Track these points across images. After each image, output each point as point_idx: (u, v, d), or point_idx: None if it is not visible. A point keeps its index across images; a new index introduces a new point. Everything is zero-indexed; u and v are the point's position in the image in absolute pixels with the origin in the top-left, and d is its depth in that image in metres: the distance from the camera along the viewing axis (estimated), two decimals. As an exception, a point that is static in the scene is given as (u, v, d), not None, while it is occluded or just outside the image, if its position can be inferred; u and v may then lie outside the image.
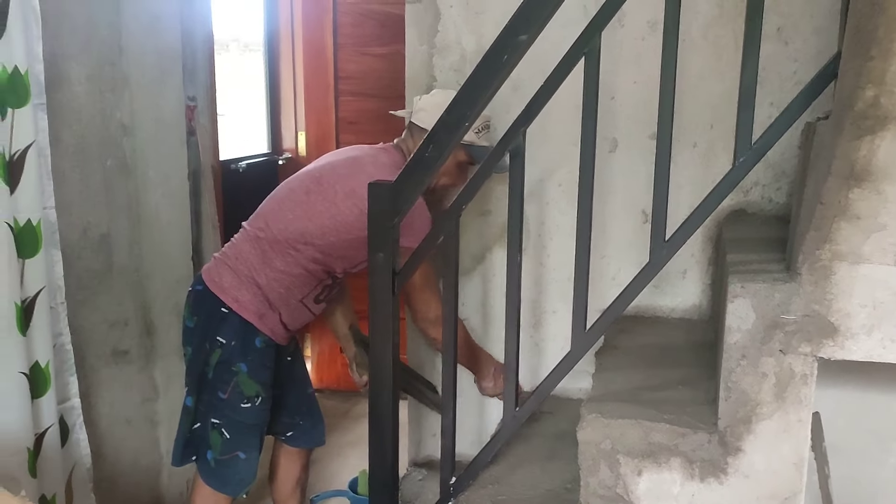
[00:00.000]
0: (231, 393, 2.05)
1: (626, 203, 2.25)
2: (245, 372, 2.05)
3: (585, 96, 1.56)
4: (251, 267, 2.07)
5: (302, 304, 2.14)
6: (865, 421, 2.11)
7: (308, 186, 2.11)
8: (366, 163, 2.10)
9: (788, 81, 2.07)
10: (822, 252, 1.41)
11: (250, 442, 2.11)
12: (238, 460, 2.09)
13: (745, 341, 1.49)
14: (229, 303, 2.05)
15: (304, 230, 2.05)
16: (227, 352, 2.05)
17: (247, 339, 2.06)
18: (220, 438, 2.07)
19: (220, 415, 2.07)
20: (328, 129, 3.61)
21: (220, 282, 2.08)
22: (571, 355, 1.65)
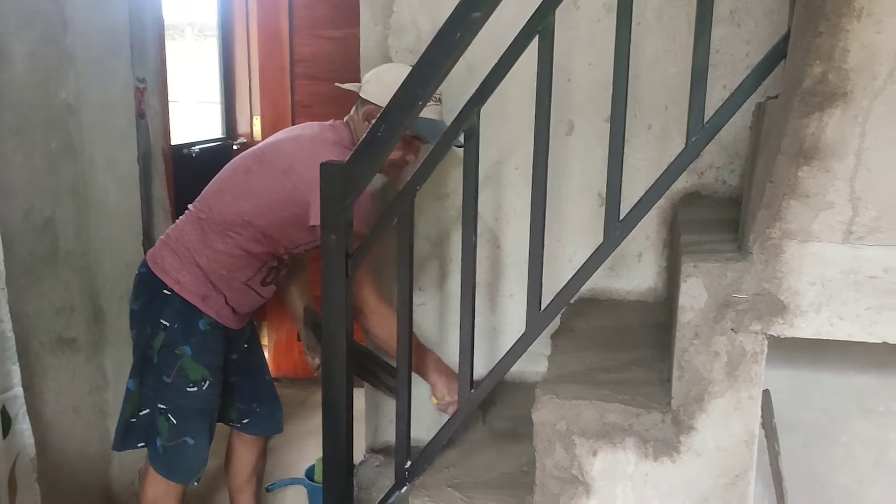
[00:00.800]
0: (175, 377, 2.01)
1: (583, 186, 2.25)
2: (189, 355, 2.01)
3: (540, 76, 1.55)
4: (192, 248, 2.04)
5: (247, 286, 2.10)
6: (817, 399, 2.14)
7: (248, 165, 2.07)
8: (307, 139, 2.06)
9: (741, 64, 2.08)
10: (773, 230, 1.42)
11: (198, 427, 2.06)
12: (186, 446, 2.05)
13: (698, 320, 1.50)
14: (171, 284, 2.02)
15: (242, 210, 2.01)
16: (171, 334, 2.01)
17: (190, 321, 2.02)
18: (167, 424, 2.03)
19: (165, 400, 2.03)
20: (283, 113, 3.55)
21: (161, 263, 2.04)
22: (526, 336, 1.64)
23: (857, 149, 1.24)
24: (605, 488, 1.60)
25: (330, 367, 1.75)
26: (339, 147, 1.99)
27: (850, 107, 1.18)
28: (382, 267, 2.43)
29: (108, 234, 2.48)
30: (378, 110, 1.96)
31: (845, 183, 1.30)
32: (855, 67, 1.12)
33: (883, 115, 1.19)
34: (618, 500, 1.60)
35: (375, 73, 2.09)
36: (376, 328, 2.06)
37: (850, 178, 1.28)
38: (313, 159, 1.92)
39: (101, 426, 2.50)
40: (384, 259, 2.40)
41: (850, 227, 1.37)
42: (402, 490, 1.79)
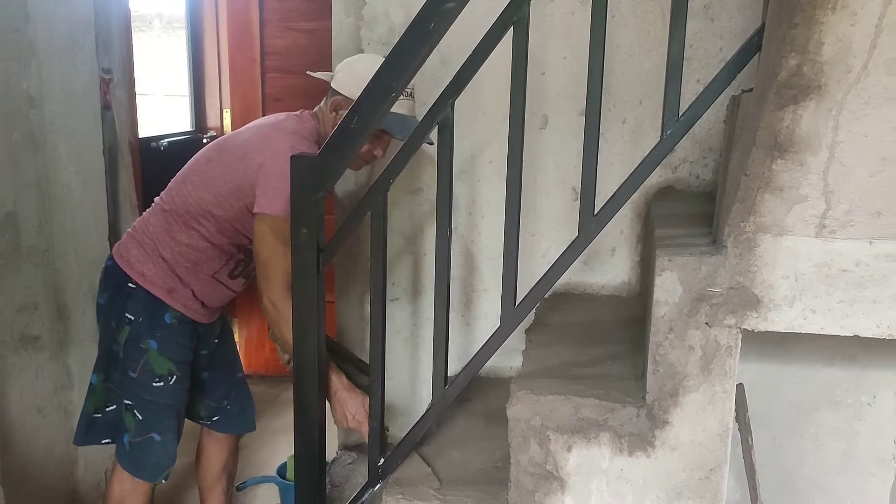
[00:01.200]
0: (141, 371, 1.97)
1: (557, 180, 2.24)
2: (155, 349, 1.97)
3: (514, 67, 1.53)
4: (157, 240, 2.00)
5: (215, 279, 2.06)
6: (787, 392, 2.16)
7: (210, 155, 2.03)
8: (267, 126, 2.01)
9: (715, 58, 2.08)
10: (747, 224, 1.42)
11: (165, 423, 2.02)
12: (153, 443, 2.00)
13: (673, 314, 1.50)
14: (135, 277, 1.98)
15: (202, 200, 1.98)
16: (136, 328, 1.97)
17: (155, 314, 1.98)
18: (133, 420, 1.99)
19: (131, 395, 1.98)
20: (254, 107, 3.50)
21: (127, 256, 2.01)
22: (501, 332, 1.63)
23: (831, 142, 1.24)
24: (580, 484, 1.59)
25: (301, 363, 1.72)
26: (297, 136, 1.95)
27: (825, 100, 1.18)
28: (355, 262, 2.40)
29: (72, 229, 2.41)
30: (346, 101, 1.96)
31: (819, 176, 1.30)
32: (829, 60, 1.12)
33: (856, 108, 1.19)
34: (592, 495, 1.59)
35: (346, 63, 2.06)
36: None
37: (824, 172, 1.28)
38: (267, 146, 1.91)
39: (67, 426, 2.44)
40: (357, 254, 2.38)
41: (823, 221, 1.38)
42: (375, 488, 1.77)
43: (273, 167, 1.87)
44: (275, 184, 1.86)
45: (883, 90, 1.15)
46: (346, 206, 2.37)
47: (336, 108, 2.01)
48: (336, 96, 2.01)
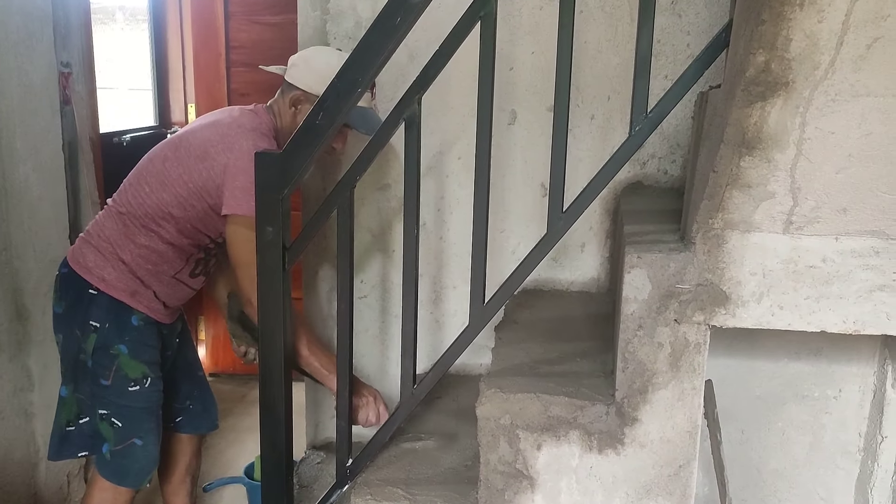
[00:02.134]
0: (114, 378, 1.92)
1: (526, 176, 2.23)
2: (126, 353, 1.93)
3: (482, 62, 1.51)
4: (114, 244, 1.94)
5: (176, 279, 2.02)
6: (753, 387, 2.18)
7: (165, 154, 1.97)
8: (224, 125, 1.95)
9: (682, 54, 2.08)
10: (715, 221, 1.42)
11: (145, 426, 1.98)
12: (135, 448, 1.96)
13: (642, 312, 1.49)
14: (96, 283, 1.92)
15: (161, 201, 1.93)
16: (103, 335, 1.91)
17: (121, 318, 1.93)
18: (111, 429, 1.93)
19: (106, 404, 1.93)
20: (219, 101, 3.43)
21: (84, 262, 1.94)
22: (470, 329, 1.61)
23: (798, 139, 1.24)
24: (550, 482, 1.58)
25: (267, 362, 1.69)
26: (258, 133, 1.91)
27: (792, 97, 1.17)
28: (322, 259, 2.37)
29: (30, 227, 2.35)
30: (306, 96, 1.93)
31: (786, 173, 1.30)
32: (797, 57, 1.12)
33: (823, 105, 1.19)
34: (562, 493, 1.58)
35: (302, 56, 2.02)
36: None
37: (791, 169, 1.29)
38: (229, 145, 1.87)
39: (27, 429, 2.38)
40: (324, 250, 2.35)
41: (791, 218, 1.38)
42: (343, 488, 1.75)
43: (238, 167, 1.84)
44: (242, 183, 1.83)
45: (850, 87, 1.15)
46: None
47: (295, 104, 1.98)
48: (295, 91, 1.98)
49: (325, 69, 1.82)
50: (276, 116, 2.01)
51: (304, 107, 1.95)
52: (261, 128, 1.93)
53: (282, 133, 1.98)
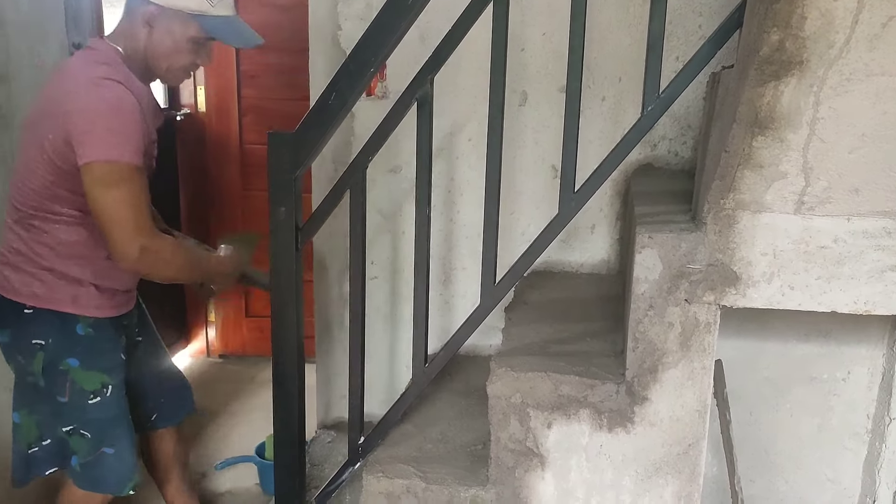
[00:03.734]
0: (71, 394, 1.77)
1: (536, 158, 2.23)
2: (77, 366, 1.76)
3: (494, 43, 1.51)
4: (30, 255, 1.74)
5: (111, 260, 1.74)
6: (762, 368, 2.18)
7: (25, 140, 1.74)
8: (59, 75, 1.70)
9: (694, 35, 2.08)
10: (727, 201, 1.42)
11: (115, 434, 1.82)
12: (105, 458, 1.82)
13: (653, 291, 1.50)
14: (29, 301, 1.74)
15: (40, 187, 1.69)
16: (49, 352, 1.74)
17: (66, 330, 1.75)
18: (81, 440, 1.80)
19: (69, 420, 1.78)
20: (229, 84, 3.44)
21: (9, 285, 1.75)
22: (481, 308, 1.62)
23: (811, 118, 1.24)
24: (560, 460, 1.60)
25: (280, 341, 1.70)
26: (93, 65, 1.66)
27: (806, 76, 1.18)
28: (333, 240, 2.38)
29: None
30: (162, 11, 1.68)
31: (798, 153, 1.30)
32: (812, 35, 1.12)
33: (837, 84, 1.19)
34: (572, 471, 1.60)
35: None
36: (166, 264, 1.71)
37: (804, 149, 1.29)
38: (64, 92, 1.64)
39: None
40: (335, 231, 2.36)
41: (802, 198, 1.38)
42: (355, 466, 1.77)
43: (76, 108, 1.60)
44: (84, 126, 1.58)
45: (864, 66, 1.15)
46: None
47: (150, 22, 1.70)
48: (147, 6, 1.68)
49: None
50: (125, 39, 1.73)
51: (162, 24, 1.69)
52: (97, 58, 1.68)
53: (135, 58, 1.73)
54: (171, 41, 1.71)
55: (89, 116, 1.56)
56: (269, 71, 3.40)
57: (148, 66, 1.75)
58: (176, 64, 1.76)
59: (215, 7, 1.69)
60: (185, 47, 1.73)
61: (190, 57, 1.76)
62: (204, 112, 3.48)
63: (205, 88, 3.48)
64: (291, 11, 3.25)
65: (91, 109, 1.58)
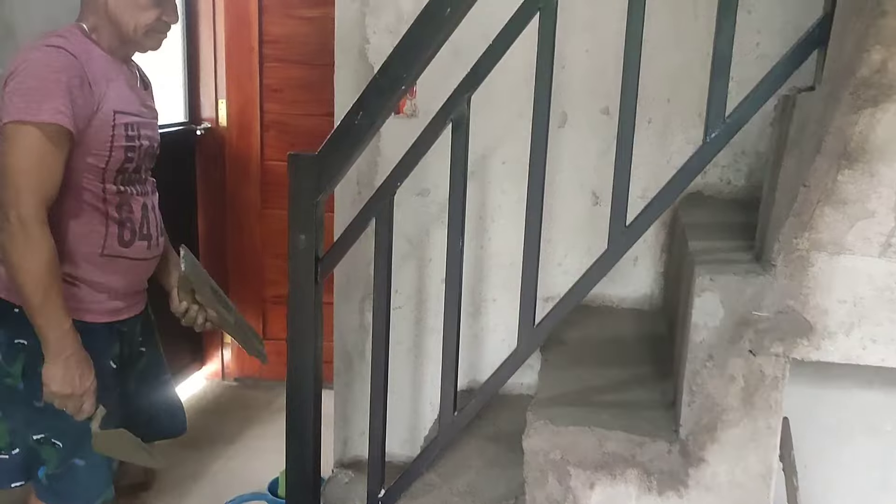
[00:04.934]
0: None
1: (575, 183, 2.07)
2: None
3: (539, 59, 1.37)
4: None
5: (108, 257, 1.68)
6: (820, 417, 2.00)
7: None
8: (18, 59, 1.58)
9: (751, 54, 1.92)
10: (801, 241, 1.26)
11: (88, 446, 1.68)
12: (76, 470, 1.70)
13: (713, 340, 1.34)
14: (15, 299, 1.62)
15: None
16: (31, 353, 1.63)
17: None
18: (52, 450, 1.69)
19: (41, 427, 1.68)
20: (251, 97, 3.33)
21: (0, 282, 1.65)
22: (518, 354, 1.46)
23: (910, 152, 1.08)
24: (603, 525, 1.43)
25: (297, 378, 1.56)
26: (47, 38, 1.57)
27: (909, 102, 1.01)
28: (356, 265, 2.24)
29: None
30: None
31: (891, 190, 1.14)
32: (921, 56, 0.96)
33: (943, 113, 1.03)
34: (617, 538, 1.43)
35: None
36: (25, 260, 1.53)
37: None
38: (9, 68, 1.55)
39: None
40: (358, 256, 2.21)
41: (890, 240, 1.22)
42: (375, 520, 1.61)
43: (14, 69, 1.52)
44: (15, 84, 1.50)
45: (980, 93, 0.99)
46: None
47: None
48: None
49: None
50: (88, 13, 1.66)
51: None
52: (52, 34, 1.59)
53: (103, 30, 1.66)
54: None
55: (14, 79, 1.48)
56: (293, 85, 3.29)
57: (119, 36, 1.67)
58: (142, 22, 1.68)
59: None
60: (144, 2, 1.66)
61: (152, 12, 1.68)
62: (225, 126, 3.38)
63: (226, 102, 3.37)
64: (317, 23, 3.15)
65: (19, 73, 1.49)
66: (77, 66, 1.55)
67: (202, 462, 2.88)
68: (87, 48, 1.61)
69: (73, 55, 1.55)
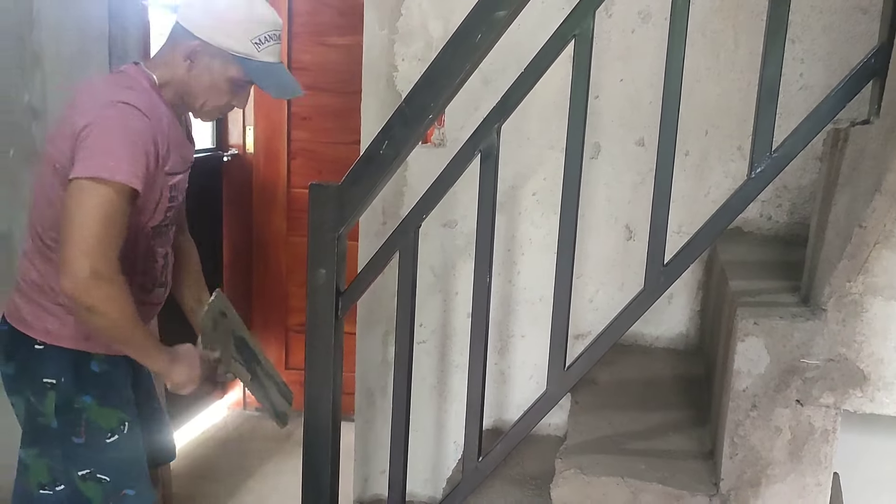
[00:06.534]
0: (87, 433, 1.63)
1: (608, 216, 2.00)
2: (93, 402, 1.64)
3: (574, 88, 1.31)
4: (43, 287, 1.61)
5: None
6: (865, 468, 1.89)
7: (42, 167, 1.61)
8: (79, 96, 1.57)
9: (794, 85, 1.84)
10: (854, 284, 1.18)
11: (135, 474, 1.69)
12: (128, 499, 1.68)
13: (757, 388, 1.25)
14: (40, 336, 1.61)
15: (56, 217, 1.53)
16: (62, 390, 1.62)
17: (79, 367, 1.63)
18: (98, 486, 1.66)
19: (85, 462, 1.64)
20: (279, 125, 3.31)
21: (20, 315, 1.63)
22: (547, 398, 1.38)
23: (978, 191, 0.99)
24: (638, 584, 1.33)
25: (314, 420, 1.49)
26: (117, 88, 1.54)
27: (978, 138, 0.93)
28: (378, 297, 2.18)
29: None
30: (204, 47, 1.57)
31: (955, 232, 1.05)
32: None
33: None
34: None
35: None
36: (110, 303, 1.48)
37: (963, 227, 1.04)
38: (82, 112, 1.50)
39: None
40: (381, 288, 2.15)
41: (953, 285, 1.12)
42: (395, 569, 1.53)
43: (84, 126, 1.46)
44: (92, 141, 1.46)
45: None
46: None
47: (191, 56, 1.59)
48: (192, 41, 1.57)
49: (226, 13, 1.56)
50: (163, 68, 1.61)
51: (203, 60, 1.59)
52: (122, 82, 1.56)
53: (171, 88, 1.61)
54: (210, 79, 1.59)
55: (91, 135, 1.43)
56: (320, 113, 3.26)
57: (185, 101, 1.64)
58: (211, 102, 1.64)
59: (261, 53, 1.58)
60: (223, 87, 1.62)
61: (226, 97, 1.64)
62: (252, 153, 3.35)
63: (254, 129, 3.35)
64: (347, 51, 3.12)
65: (96, 128, 1.45)
66: (151, 131, 1.53)
67: (219, 495, 2.81)
68: (156, 106, 1.57)
69: (147, 117, 1.52)
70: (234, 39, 1.55)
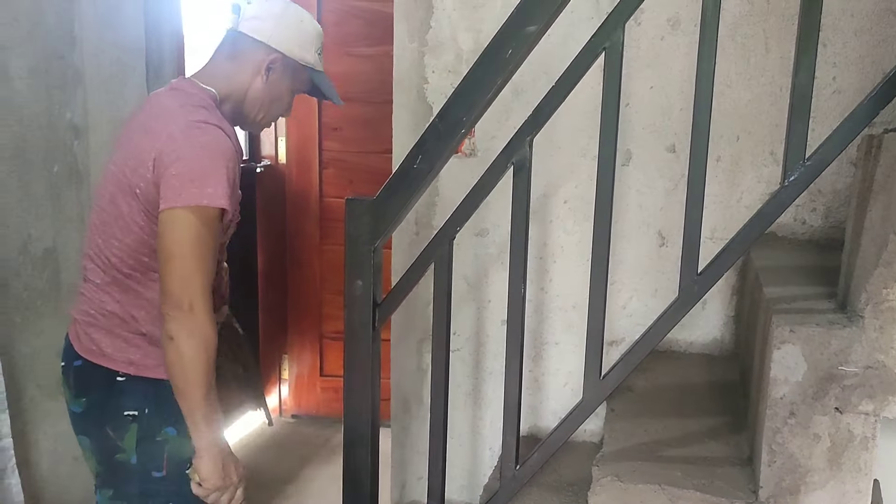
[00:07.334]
0: (170, 465, 1.59)
1: (640, 223, 2.00)
2: (175, 435, 1.58)
3: (605, 99, 1.32)
4: (124, 317, 1.57)
5: None
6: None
7: (111, 192, 1.55)
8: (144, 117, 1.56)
9: (826, 89, 1.83)
10: (891, 291, 1.17)
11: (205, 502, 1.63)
12: None
13: (794, 396, 1.25)
14: (123, 368, 1.57)
15: (135, 244, 1.52)
16: (145, 423, 1.57)
17: (161, 397, 1.56)
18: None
19: (166, 497, 1.60)
20: (310, 135, 3.35)
21: (99, 349, 1.58)
22: (583, 407, 1.39)
23: None
24: (677, 592, 1.34)
25: (353, 435, 1.52)
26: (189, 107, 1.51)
27: None
28: (413, 306, 2.20)
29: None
30: (283, 60, 1.57)
31: None
32: None
33: None
34: None
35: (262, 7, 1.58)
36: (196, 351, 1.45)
37: None
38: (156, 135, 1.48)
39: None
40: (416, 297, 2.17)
41: None
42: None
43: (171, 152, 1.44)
44: (181, 169, 1.44)
45: None
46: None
47: (267, 69, 1.57)
48: (271, 54, 1.56)
49: (302, 26, 1.59)
50: (224, 82, 1.58)
51: (278, 72, 1.58)
52: (193, 101, 1.53)
53: (229, 102, 1.59)
54: (278, 91, 1.61)
55: (179, 163, 1.41)
56: (351, 123, 3.29)
57: (241, 112, 1.62)
58: (270, 113, 1.65)
59: (321, 63, 1.66)
60: (285, 98, 1.65)
61: (284, 108, 1.66)
62: (284, 164, 3.40)
63: (286, 140, 3.40)
64: (376, 61, 3.15)
65: (183, 152, 1.43)
66: (233, 151, 1.52)
67: (260, 501, 2.86)
68: (224, 123, 1.55)
69: (228, 136, 1.51)
70: (306, 52, 1.59)
